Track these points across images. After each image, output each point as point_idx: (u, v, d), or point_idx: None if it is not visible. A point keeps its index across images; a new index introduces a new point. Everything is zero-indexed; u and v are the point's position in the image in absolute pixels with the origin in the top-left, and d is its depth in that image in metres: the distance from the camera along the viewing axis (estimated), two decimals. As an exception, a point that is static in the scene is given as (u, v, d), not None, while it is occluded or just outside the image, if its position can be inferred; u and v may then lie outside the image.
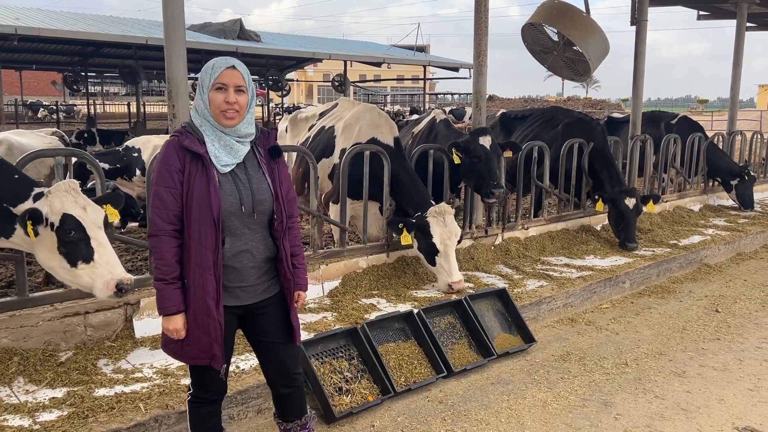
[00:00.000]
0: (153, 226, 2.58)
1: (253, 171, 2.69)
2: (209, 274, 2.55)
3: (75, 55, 22.93)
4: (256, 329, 2.83)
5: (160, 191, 2.56)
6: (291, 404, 2.96)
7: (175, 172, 2.55)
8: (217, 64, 2.61)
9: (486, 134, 6.02)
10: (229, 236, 2.62)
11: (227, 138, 2.61)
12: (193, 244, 2.55)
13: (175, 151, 2.58)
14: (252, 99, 2.66)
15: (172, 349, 2.70)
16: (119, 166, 7.89)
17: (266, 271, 2.75)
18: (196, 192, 2.54)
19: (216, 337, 2.61)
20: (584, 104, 42.52)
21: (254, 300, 2.74)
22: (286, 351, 2.87)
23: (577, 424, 3.76)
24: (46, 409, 3.29)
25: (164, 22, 4.40)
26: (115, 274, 3.27)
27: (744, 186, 9.41)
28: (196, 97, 2.65)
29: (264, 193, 2.67)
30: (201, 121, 2.62)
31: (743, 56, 11.20)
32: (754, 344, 5.06)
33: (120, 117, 32.17)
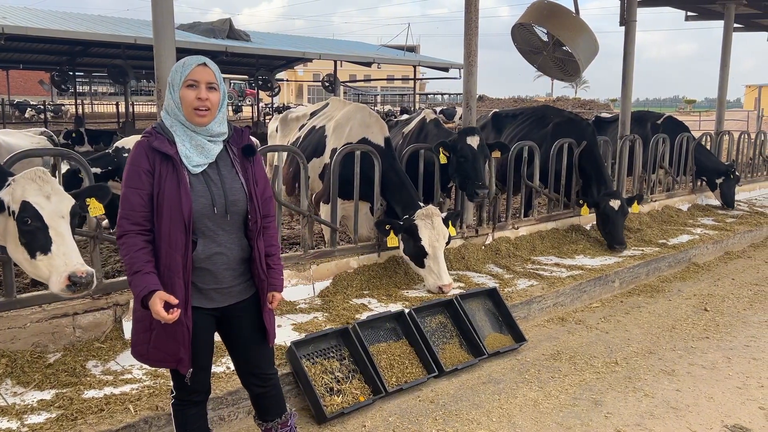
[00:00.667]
0: (120, 228, 2.52)
1: (226, 171, 2.63)
2: (178, 277, 2.50)
3: (63, 54, 22.74)
4: (230, 331, 2.80)
5: (128, 193, 2.51)
6: (268, 402, 2.93)
7: (144, 173, 2.50)
8: (188, 62, 2.56)
9: (474, 134, 6.03)
10: (201, 238, 2.57)
11: (198, 137, 2.56)
12: (164, 247, 2.50)
13: (144, 152, 2.52)
14: (223, 98, 2.62)
15: (139, 352, 2.66)
16: (111, 169, 7.81)
17: (241, 272, 2.70)
18: (166, 194, 2.48)
19: (183, 341, 2.55)
20: (573, 104, 42.69)
21: (229, 302, 2.70)
22: (260, 353, 2.84)
23: (568, 423, 3.77)
24: (34, 412, 3.26)
25: (153, 21, 4.38)
26: (69, 266, 3.06)
27: (728, 185, 9.51)
28: (165, 97, 2.60)
29: (237, 193, 2.62)
30: (171, 121, 2.58)
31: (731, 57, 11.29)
32: (742, 342, 5.10)
33: (108, 117, 31.99)
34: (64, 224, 3.19)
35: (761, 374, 4.50)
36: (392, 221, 5.34)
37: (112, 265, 6.36)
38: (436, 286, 5.23)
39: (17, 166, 4.10)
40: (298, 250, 5.54)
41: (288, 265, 5.05)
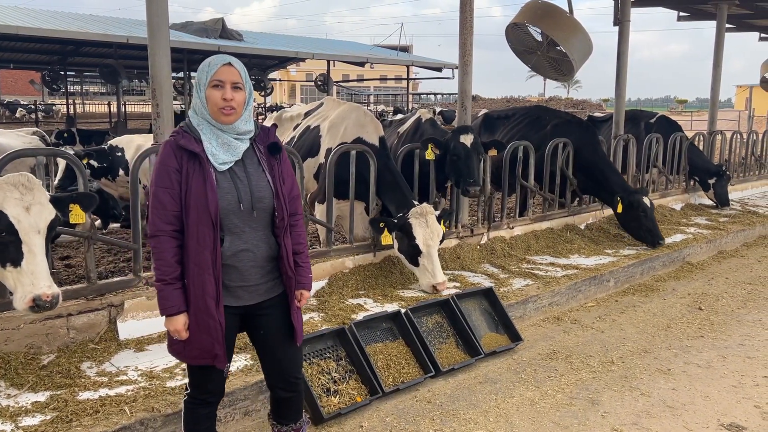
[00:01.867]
0: (152, 228, 2.55)
1: (253, 168, 2.65)
2: (208, 274, 2.53)
3: (54, 54, 22.59)
4: (258, 330, 2.80)
5: (159, 192, 2.54)
6: (289, 408, 2.94)
7: (173, 172, 2.53)
8: (214, 61, 2.59)
9: (467, 132, 6.04)
10: (228, 235, 2.59)
11: (225, 136, 2.59)
12: (192, 244, 2.53)
13: (172, 151, 2.55)
14: (250, 96, 2.64)
15: (176, 350, 2.68)
16: (105, 166, 7.78)
17: (269, 270, 2.71)
18: (193, 191, 2.51)
19: (217, 336, 2.59)
20: (566, 104, 42.83)
21: (256, 300, 2.71)
22: (287, 353, 2.84)
23: (565, 423, 3.77)
24: (28, 414, 3.23)
25: (148, 20, 4.35)
26: (36, 287, 3.01)
27: (721, 185, 9.58)
28: (193, 96, 2.65)
29: (263, 190, 2.63)
30: (198, 120, 2.61)
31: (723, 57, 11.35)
32: (736, 341, 5.12)
33: (100, 117, 31.81)
34: (39, 240, 3.12)
35: (756, 373, 4.52)
36: (386, 219, 5.33)
37: (105, 266, 6.32)
38: (430, 285, 5.23)
39: (9, 167, 4.07)
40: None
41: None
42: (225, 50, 17.97)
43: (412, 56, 29.00)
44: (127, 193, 7.34)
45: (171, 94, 4.54)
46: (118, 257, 6.72)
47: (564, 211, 7.62)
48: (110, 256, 6.75)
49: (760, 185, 11.87)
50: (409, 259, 5.34)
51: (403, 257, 5.39)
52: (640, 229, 7.19)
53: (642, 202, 7.06)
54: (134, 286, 4.33)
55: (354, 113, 6.10)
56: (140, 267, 4.39)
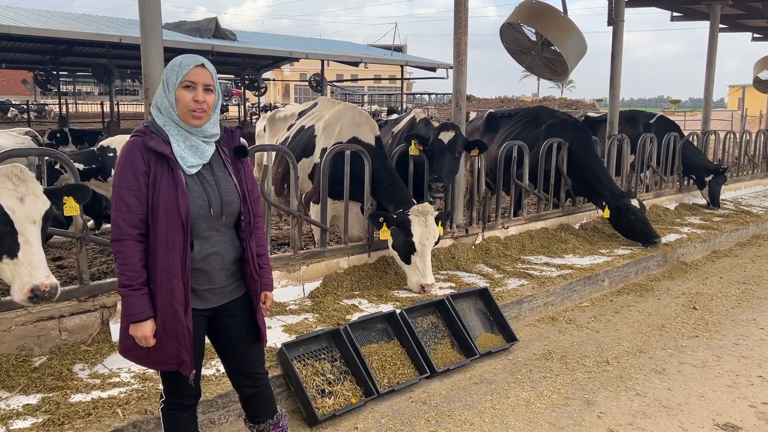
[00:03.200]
0: (117, 231, 2.45)
1: (220, 172, 2.61)
2: (177, 279, 2.47)
3: (46, 53, 22.50)
4: (222, 331, 2.77)
5: (124, 194, 2.44)
6: (260, 403, 2.90)
7: (140, 174, 2.44)
8: (185, 61, 2.51)
9: (448, 129, 6.03)
10: (197, 239, 2.54)
11: (193, 138, 2.52)
12: (161, 249, 2.45)
13: (139, 152, 2.46)
14: (218, 99, 2.58)
15: (137, 355, 2.58)
16: (94, 167, 7.72)
17: (233, 272, 2.69)
18: (162, 195, 2.43)
19: (185, 342, 2.52)
20: (560, 104, 42.95)
21: (222, 302, 2.68)
22: (251, 352, 2.82)
23: (561, 423, 3.76)
24: (20, 417, 3.19)
25: (141, 20, 4.31)
26: (34, 278, 3.00)
27: (716, 183, 9.60)
28: (158, 94, 2.54)
29: (231, 194, 2.60)
30: (165, 120, 2.52)
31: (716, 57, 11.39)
32: (731, 341, 5.13)
33: (93, 116, 31.70)
34: (35, 230, 3.11)
35: (751, 372, 4.52)
36: (386, 213, 5.33)
37: (98, 267, 6.27)
38: (418, 284, 5.23)
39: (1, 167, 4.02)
40: (287, 251, 5.50)
41: (278, 266, 5.00)
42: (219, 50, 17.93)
43: (406, 56, 29.02)
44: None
45: (164, 94, 4.49)
46: (110, 258, 6.67)
47: (558, 210, 7.62)
48: (103, 257, 6.70)
49: (753, 185, 11.91)
50: (402, 257, 5.33)
51: (396, 254, 5.38)
52: (633, 232, 7.21)
53: (630, 205, 7.06)
54: (127, 287, 4.29)
55: (349, 113, 6.08)
56: (133, 268, 4.35)
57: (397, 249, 5.34)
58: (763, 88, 15.55)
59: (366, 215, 5.66)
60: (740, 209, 9.92)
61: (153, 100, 2.58)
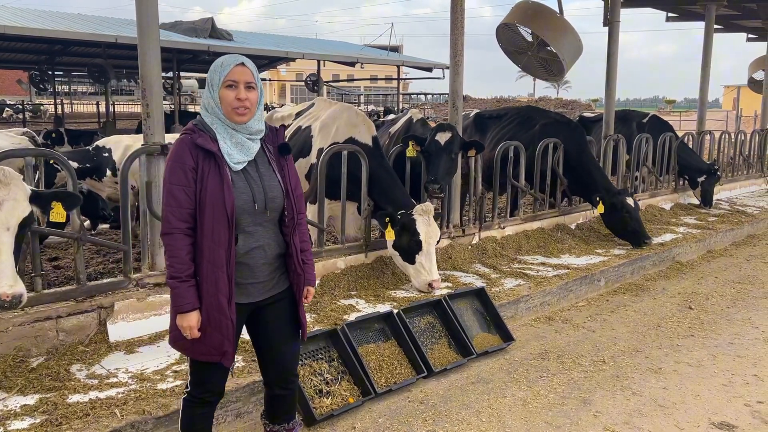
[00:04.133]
0: (167, 225, 2.56)
1: (264, 168, 2.70)
2: (222, 272, 2.56)
3: (42, 53, 22.40)
4: (261, 325, 2.85)
5: (174, 189, 2.54)
6: (283, 407, 2.99)
7: (189, 170, 2.55)
8: (226, 61, 2.62)
9: (444, 130, 6.04)
10: (241, 234, 2.63)
11: (239, 135, 2.63)
12: (207, 242, 2.55)
13: (188, 149, 2.57)
14: (261, 95, 2.68)
15: (183, 346, 2.69)
16: (88, 166, 7.71)
17: (276, 267, 2.77)
18: (209, 190, 2.54)
19: (228, 334, 2.61)
20: (555, 104, 42.98)
21: (264, 296, 2.76)
22: (290, 349, 2.91)
23: (558, 422, 3.78)
24: (17, 417, 3.19)
25: (138, 20, 4.31)
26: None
27: (709, 183, 9.64)
28: (204, 95, 2.67)
29: (275, 190, 2.69)
30: (212, 119, 2.63)
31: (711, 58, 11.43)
32: (726, 340, 5.15)
33: (89, 117, 31.59)
34: (7, 238, 3.09)
35: (746, 371, 4.55)
36: (392, 213, 5.35)
37: (95, 267, 6.27)
38: (426, 283, 5.24)
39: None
40: (284, 251, 5.49)
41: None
42: (215, 50, 17.90)
43: (403, 56, 29.00)
44: (115, 193, 7.31)
45: (161, 94, 4.51)
46: (107, 258, 6.67)
47: (554, 210, 7.65)
48: (100, 257, 6.70)
49: (748, 185, 11.96)
50: (406, 257, 5.33)
51: (398, 254, 5.38)
52: (624, 230, 7.20)
53: (625, 203, 7.07)
54: (124, 287, 4.29)
55: (346, 113, 6.08)
56: (130, 268, 4.35)
57: (401, 249, 5.35)
58: (757, 88, 15.61)
59: (363, 215, 5.66)
60: (735, 209, 9.96)
61: (201, 101, 2.69)
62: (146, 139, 4.43)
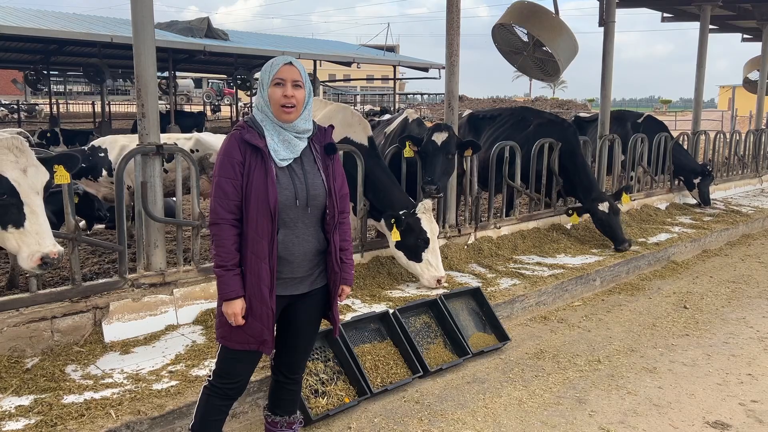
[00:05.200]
0: (214, 215, 2.65)
1: (309, 166, 2.78)
2: (264, 263, 2.65)
3: (37, 53, 22.34)
4: (293, 316, 2.92)
5: (222, 182, 2.65)
6: (285, 398, 3.07)
7: (237, 164, 2.64)
8: (276, 62, 2.72)
9: (441, 130, 6.05)
10: (283, 228, 2.71)
11: (286, 133, 2.72)
12: (251, 234, 2.64)
13: (237, 144, 2.67)
14: (309, 95, 2.76)
15: (221, 335, 2.78)
16: (84, 166, 7.68)
17: (316, 263, 2.84)
18: (254, 184, 2.63)
19: (268, 323, 2.71)
20: (551, 104, 43.06)
21: (302, 291, 2.84)
22: (303, 341, 2.99)
23: (553, 422, 3.79)
24: (12, 418, 3.18)
25: (133, 20, 4.31)
26: (43, 246, 3.13)
27: (705, 184, 9.69)
28: (257, 95, 2.79)
29: (318, 188, 2.77)
30: (262, 117, 2.73)
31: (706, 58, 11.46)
32: (721, 339, 5.17)
33: (84, 116, 31.55)
34: (38, 200, 3.22)
35: (740, 371, 4.57)
36: (397, 214, 5.39)
37: (90, 267, 6.25)
38: (434, 279, 5.35)
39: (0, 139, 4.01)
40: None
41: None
42: (211, 50, 17.89)
43: (399, 56, 29.01)
44: (111, 194, 7.28)
45: (156, 94, 4.50)
46: (103, 258, 6.65)
47: (550, 210, 7.66)
48: (95, 258, 6.68)
49: (743, 185, 11.99)
50: (412, 255, 5.41)
51: (402, 254, 5.45)
52: (605, 233, 7.23)
53: (597, 210, 7.05)
54: (120, 288, 4.29)
55: (341, 113, 6.08)
56: (125, 269, 4.34)
57: (408, 248, 5.41)
58: (752, 88, 15.68)
59: (359, 216, 5.67)
60: (730, 209, 9.99)
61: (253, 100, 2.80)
62: (141, 140, 4.43)
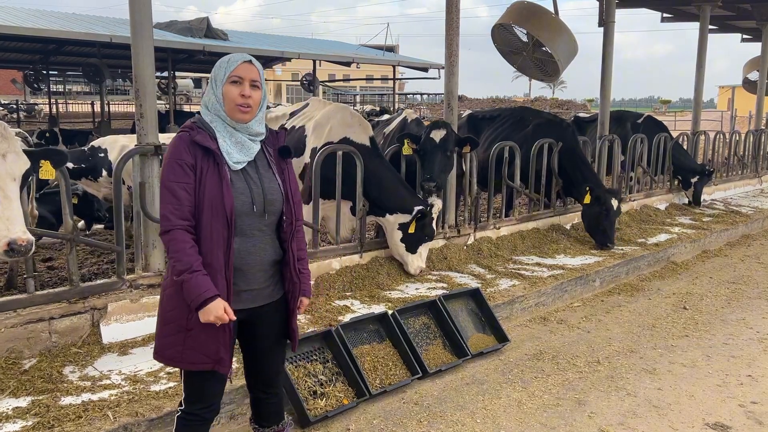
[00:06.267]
0: (167, 223, 2.43)
1: (264, 170, 2.62)
2: (220, 275, 2.46)
3: (36, 52, 22.29)
4: (251, 332, 2.74)
5: (173, 186, 2.44)
6: (269, 410, 2.91)
7: (188, 167, 2.45)
8: (233, 58, 2.55)
9: (439, 128, 6.04)
10: (238, 236, 2.53)
11: (239, 135, 2.54)
12: (205, 244, 2.45)
13: (186, 146, 2.47)
14: (264, 98, 2.60)
15: (170, 356, 2.54)
16: (84, 166, 7.67)
17: (272, 274, 2.67)
18: (208, 189, 2.45)
19: (224, 340, 2.51)
20: (551, 104, 43.09)
21: (258, 304, 2.65)
22: (276, 358, 2.83)
23: (552, 423, 3.78)
24: (9, 420, 3.17)
25: (131, 20, 4.29)
26: (11, 232, 3.04)
27: (701, 183, 9.70)
28: (207, 92, 2.59)
29: (275, 193, 2.60)
30: (212, 117, 2.55)
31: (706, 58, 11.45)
32: (721, 340, 5.16)
33: (83, 116, 31.51)
34: (14, 187, 3.16)
35: (740, 372, 4.56)
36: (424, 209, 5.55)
37: (88, 268, 6.24)
38: (420, 269, 5.76)
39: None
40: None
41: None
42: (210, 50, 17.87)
43: (398, 56, 28.98)
44: (111, 194, 7.27)
45: (155, 95, 4.49)
46: (101, 259, 6.64)
47: (549, 211, 7.65)
48: (93, 258, 6.67)
49: (742, 185, 11.99)
50: (411, 247, 5.67)
51: (403, 245, 5.64)
52: (596, 226, 7.15)
53: (609, 202, 7.04)
54: (118, 288, 4.27)
55: (340, 113, 6.07)
56: (124, 269, 4.33)
57: (411, 241, 5.62)
58: (752, 88, 15.67)
59: (358, 216, 5.65)
60: (730, 209, 9.99)
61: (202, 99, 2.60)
62: (140, 140, 4.41)
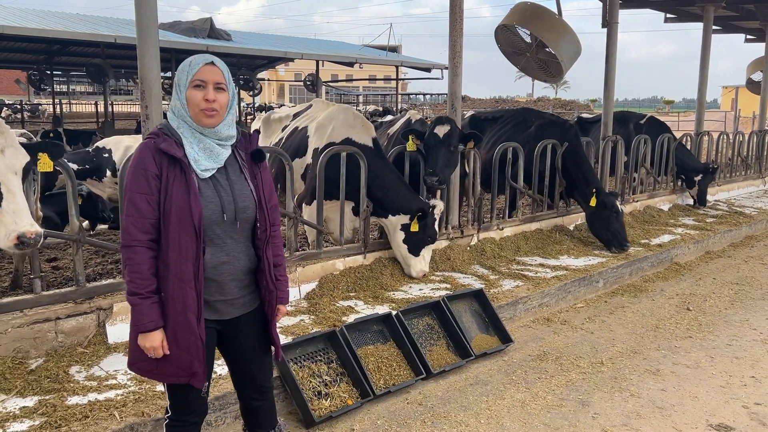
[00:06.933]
0: (127, 236, 2.37)
1: (235, 176, 2.51)
2: (190, 287, 2.37)
3: (40, 53, 22.36)
4: (233, 345, 2.67)
5: (135, 198, 2.36)
6: (263, 415, 2.84)
7: (152, 178, 2.36)
8: (195, 61, 2.43)
9: (443, 123, 6.05)
10: (209, 246, 2.44)
11: (207, 140, 2.44)
12: (173, 255, 2.36)
13: (151, 154, 2.37)
14: (233, 99, 2.49)
15: (145, 368, 2.48)
16: (88, 167, 7.72)
17: (247, 284, 2.58)
18: (174, 199, 2.35)
19: (197, 353, 2.43)
20: (554, 105, 43.00)
21: (234, 314, 2.57)
22: (260, 365, 2.74)
23: (556, 424, 3.79)
24: (16, 419, 3.19)
25: (137, 21, 4.30)
26: (20, 225, 3.07)
27: (705, 182, 9.68)
28: (172, 97, 2.48)
29: (247, 199, 2.50)
30: (178, 122, 2.45)
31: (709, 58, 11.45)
32: (724, 341, 5.16)
33: (87, 117, 31.56)
34: (16, 180, 3.19)
35: (744, 373, 4.56)
36: (425, 208, 5.60)
37: (93, 268, 6.27)
38: (423, 272, 5.74)
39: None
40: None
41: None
42: (214, 50, 17.90)
43: (401, 56, 28.98)
44: (115, 194, 7.30)
45: (160, 96, 4.50)
46: (106, 259, 6.67)
47: (553, 212, 7.65)
48: (98, 258, 6.69)
49: (746, 185, 11.97)
50: (414, 249, 5.69)
51: (406, 247, 5.65)
52: (607, 230, 7.10)
53: (615, 204, 7.05)
54: (123, 288, 4.28)
55: (342, 114, 6.09)
56: (129, 270, 4.34)
57: (414, 242, 5.65)
58: (755, 89, 15.66)
59: (362, 217, 5.67)
60: (733, 210, 9.97)
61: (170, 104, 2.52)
62: (145, 141, 4.43)
